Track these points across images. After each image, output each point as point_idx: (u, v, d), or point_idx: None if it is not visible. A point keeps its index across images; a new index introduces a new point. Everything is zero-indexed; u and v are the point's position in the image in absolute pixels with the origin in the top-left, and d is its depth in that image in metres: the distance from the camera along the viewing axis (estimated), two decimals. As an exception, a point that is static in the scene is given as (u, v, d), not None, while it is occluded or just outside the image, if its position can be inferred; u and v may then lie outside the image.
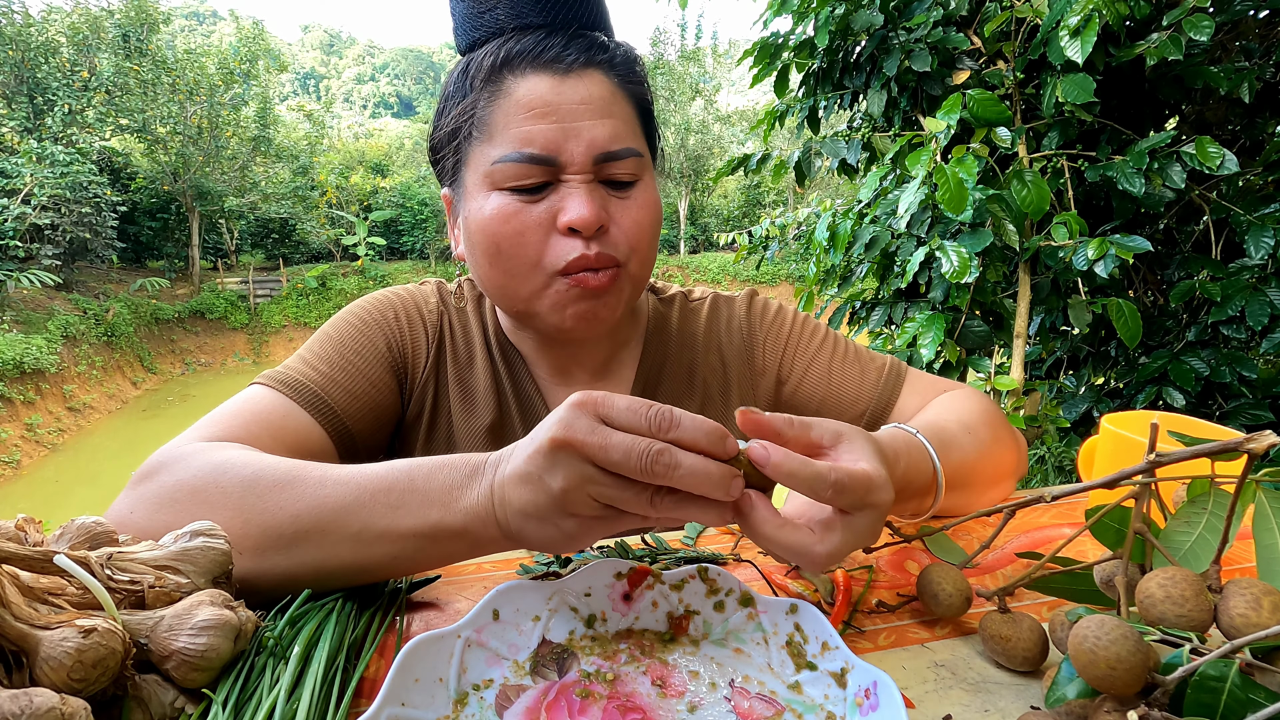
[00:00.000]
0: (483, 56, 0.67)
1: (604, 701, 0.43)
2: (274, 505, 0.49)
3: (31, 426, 11.19)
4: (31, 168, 13.09)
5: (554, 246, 0.66)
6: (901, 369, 0.82)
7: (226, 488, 0.50)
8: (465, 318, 0.81)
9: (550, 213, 0.65)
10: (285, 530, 0.49)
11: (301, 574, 0.49)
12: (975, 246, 1.77)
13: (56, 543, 0.46)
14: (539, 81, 0.64)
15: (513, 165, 0.64)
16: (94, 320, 14.02)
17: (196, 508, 0.50)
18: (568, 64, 0.65)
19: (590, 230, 0.64)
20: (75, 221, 13.90)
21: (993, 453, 0.68)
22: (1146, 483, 0.45)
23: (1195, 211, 2.04)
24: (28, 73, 15.02)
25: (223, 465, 0.52)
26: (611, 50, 0.69)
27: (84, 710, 0.33)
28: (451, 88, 0.70)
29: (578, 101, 0.64)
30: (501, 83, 0.65)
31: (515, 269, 0.67)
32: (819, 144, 2.35)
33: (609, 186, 0.67)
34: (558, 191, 0.65)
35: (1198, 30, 1.59)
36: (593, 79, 0.66)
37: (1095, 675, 0.35)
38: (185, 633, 0.39)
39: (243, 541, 0.49)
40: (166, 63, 17.12)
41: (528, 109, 0.64)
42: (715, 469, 0.40)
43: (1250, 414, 1.88)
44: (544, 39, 0.66)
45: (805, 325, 0.85)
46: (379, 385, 0.73)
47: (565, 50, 0.65)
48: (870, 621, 0.52)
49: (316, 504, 0.49)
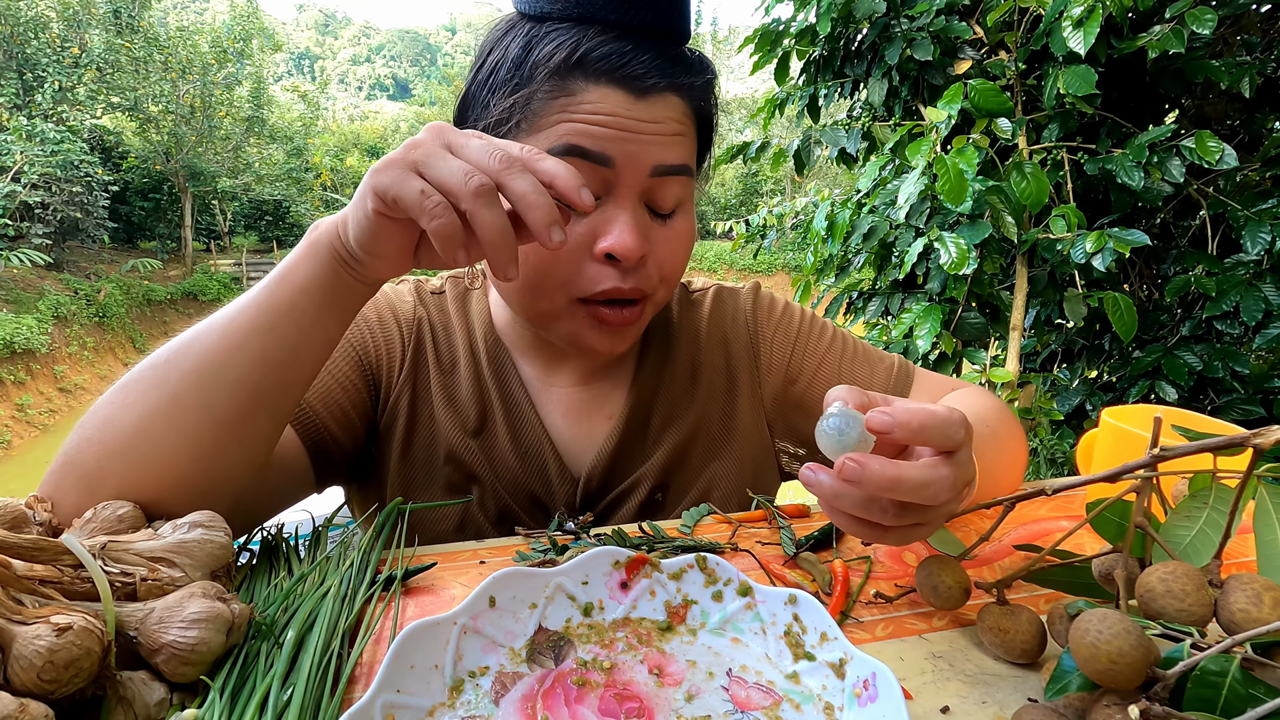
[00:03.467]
0: (553, 46, 0.59)
1: (601, 690, 0.43)
2: (179, 388, 0.50)
3: (22, 407, 11.12)
4: (21, 145, 12.92)
5: (587, 271, 0.62)
6: (910, 368, 0.82)
7: (130, 406, 0.51)
8: (447, 317, 0.78)
9: (590, 234, 0.61)
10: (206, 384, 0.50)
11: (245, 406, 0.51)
12: (973, 238, 1.77)
13: (82, 528, 0.45)
14: (612, 94, 0.59)
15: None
16: (85, 301, 13.90)
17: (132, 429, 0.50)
18: (648, 84, 0.59)
19: (632, 261, 0.61)
20: (66, 200, 13.75)
21: (1009, 450, 0.68)
22: (1148, 477, 0.44)
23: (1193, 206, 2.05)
24: (17, 48, 14.78)
25: (109, 404, 0.52)
26: (696, 73, 0.64)
27: (45, 717, 0.32)
28: (503, 66, 0.62)
29: (649, 120, 0.60)
30: (569, 83, 0.59)
31: (538, 286, 0.63)
32: (819, 132, 2.34)
33: (651, 212, 0.63)
34: (602, 209, 0.61)
35: (1200, 24, 1.59)
36: (669, 102, 0.61)
37: (1096, 669, 0.35)
38: (176, 626, 0.38)
39: (190, 426, 0.50)
40: (159, 40, 16.89)
41: (592, 114, 0.58)
42: (548, 197, 0.44)
43: (1242, 409, 1.89)
44: (629, 50, 0.59)
45: (814, 324, 0.83)
46: (347, 386, 0.70)
47: (649, 70, 0.59)
48: (868, 612, 0.52)
49: (203, 350, 0.51)
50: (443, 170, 0.44)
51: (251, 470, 0.55)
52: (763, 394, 0.82)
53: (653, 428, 0.78)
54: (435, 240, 0.44)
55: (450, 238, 0.44)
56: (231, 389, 0.51)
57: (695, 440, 0.78)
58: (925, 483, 0.42)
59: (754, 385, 0.81)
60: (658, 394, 0.78)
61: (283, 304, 0.51)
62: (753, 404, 0.81)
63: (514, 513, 0.74)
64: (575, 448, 0.76)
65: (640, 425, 0.77)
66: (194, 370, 0.50)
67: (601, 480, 0.75)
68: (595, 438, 0.76)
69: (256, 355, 0.51)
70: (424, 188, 0.44)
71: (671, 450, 0.77)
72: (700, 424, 0.79)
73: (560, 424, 0.76)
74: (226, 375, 0.50)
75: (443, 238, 0.44)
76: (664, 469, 0.77)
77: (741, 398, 0.81)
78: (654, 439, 0.77)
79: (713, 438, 0.79)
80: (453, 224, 0.44)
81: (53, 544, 0.39)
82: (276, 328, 0.51)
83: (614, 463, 0.76)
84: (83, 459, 0.50)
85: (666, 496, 0.77)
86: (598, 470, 0.75)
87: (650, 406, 0.78)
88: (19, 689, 0.33)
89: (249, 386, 0.51)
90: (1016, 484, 0.72)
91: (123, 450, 0.50)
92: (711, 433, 0.79)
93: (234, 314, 0.52)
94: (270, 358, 0.51)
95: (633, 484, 0.76)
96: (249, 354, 0.51)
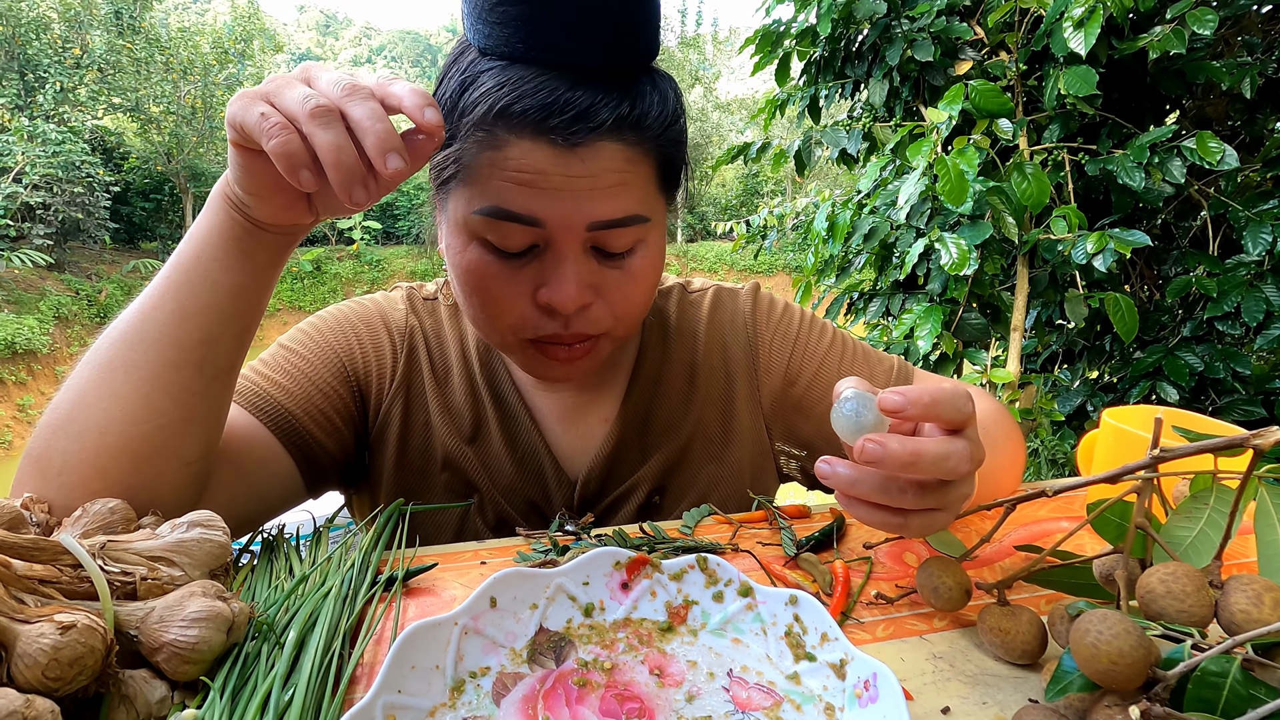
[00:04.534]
0: (479, 94, 0.55)
1: (601, 690, 0.43)
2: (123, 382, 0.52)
3: (23, 407, 11.12)
4: (23, 146, 12.92)
5: (529, 317, 0.60)
6: (909, 369, 0.81)
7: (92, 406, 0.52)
8: (440, 324, 0.77)
9: (532, 281, 0.59)
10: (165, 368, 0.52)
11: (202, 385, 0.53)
12: (974, 239, 1.77)
13: (74, 525, 0.45)
14: (536, 149, 0.54)
15: (493, 221, 0.56)
16: (87, 301, 13.90)
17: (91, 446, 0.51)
18: (575, 138, 0.54)
19: (569, 311, 0.59)
20: (67, 201, 13.75)
21: (1007, 451, 0.68)
22: (1149, 478, 0.44)
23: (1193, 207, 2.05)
24: (18, 49, 14.79)
25: (58, 392, 0.54)
26: (642, 109, 0.57)
27: (50, 713, 0.32)
28: (445, 105, 0.59)
29: (579, 175, 0.55)
30: (495, 135, 0.55)
31: (487, 321, 0.63)
32: (819, 133, 2.33)
33: (601, 255, 0.60)
34: (542, 259, 0.58)
35: (1201, 24, 1.59)
36: (605, 152, 0.55)
37: (1097, 670, 0.35)
38: (176, 625, 0.38)
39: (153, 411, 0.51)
40: (160, 41, 16.89)
41: (517, 170, 0.55)
42: (386, 124, 0.44)
43: (1243, 409, 1.89)
44: (560, 97, 0.53)
45: (814, 325, 0.83)
46: (328, 392, 0.69)
47: (579, 122, 0.53)
48: (869, 613, 0.52)
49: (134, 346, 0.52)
50: (287, 96, 0.45)
51: (197, 439, 0.55)
52: (761, 396, 0.81)
53: (649, 430, 0.77)
54: (275, 161, 0.45)
55: (287, 156, 0.44)
56: (155, 345, 0.52)
57: (693, 443, 0.78)
58: (944, 455, 0.43)
59: (752, 387, 0.80)
60: (654, 396, 0.78)
61: (190, 256, 0.53)
62: (751, 406, 0.80)
63: (512, 519, 0.74)
64: (571, 452, 0.76)
65: (637, 428, 0.77)
66: (121, 336, 0.53)
67: (598, 484, 0.75)
68: (591, 441, 0.76)
69: (173, 308, 0.53)
70: (265, 110, 0.45)
71: (668, 453, 0.77)
72: (698, 426, 0.78)
73: (556, 429, 0.76)
74: (148, 333, 0.52)
75: (280, 155, 0.44)
76: (661, 472, 0.76)
77: (740, 400, 0.80)
78: (651, 442, 0.77)
79: (710, 440, 0.79)
80: (289, 143, 0.44)
81: (52, 544, 0.39)
82: (188, 279, 0.53)
83: (610, 466, 0.75)
84: (33, 444, 0.52)
85: (664, 500, 0.77)
86: (594, 474, 0.75)
87: (647, 409, 0.77)
88: (23, 687, 0.33)
89: (171, 340, 0.52)
90: (1015, 486, 0.72)
91: (63, 423, 0.51)
92: (709, 435, 0.79)
93: (155, 280, 0.54)
94: (186, 309, 0.53)
95: (630, 487, 0.76)
96: (166, 310, 0.53)
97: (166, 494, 0.53)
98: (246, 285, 0.54)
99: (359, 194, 0.45)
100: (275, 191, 0.50)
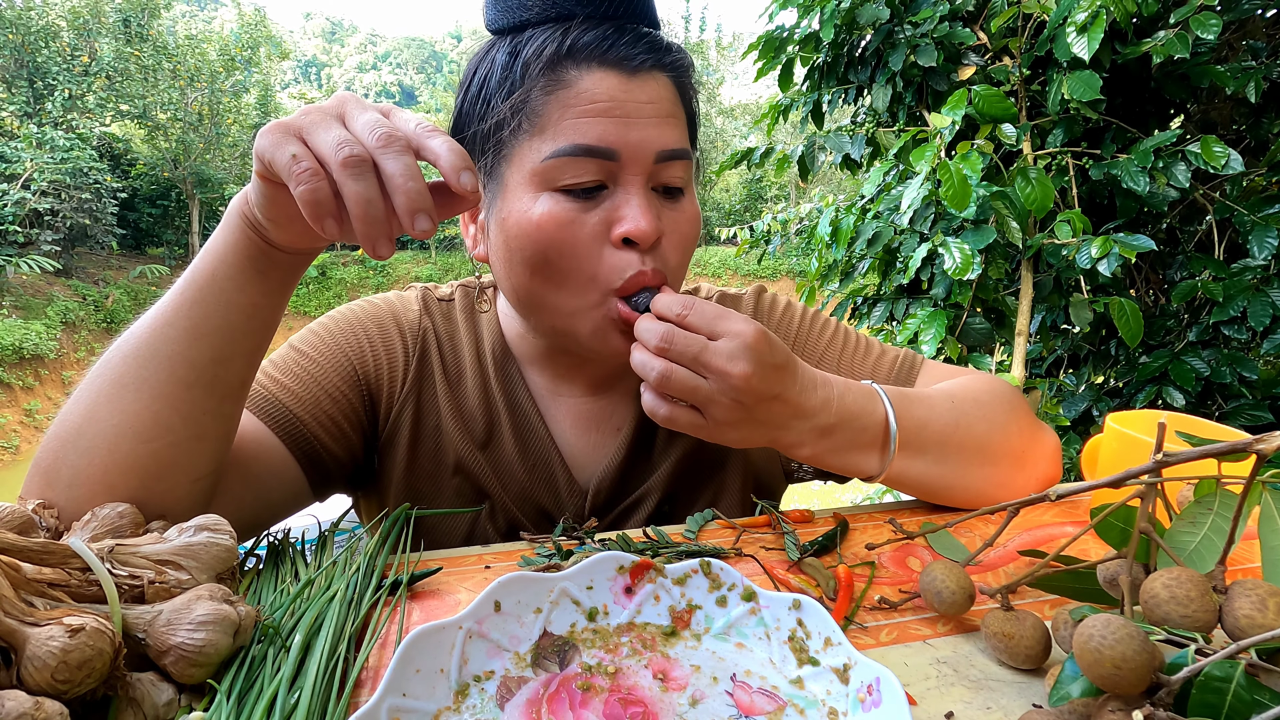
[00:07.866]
0: (540, 43, 0.61)
1: (605, 694, 0.43)
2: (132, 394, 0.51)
3: (30, 412, 11.18)
4: (31, 153, 13.03)
5: (608, 259, 0.61)
6: (916, 360, 0.81)
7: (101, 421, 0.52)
8: (454, 326, 0.77)
9: (605, 222, 0.61)
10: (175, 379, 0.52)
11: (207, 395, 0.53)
12: (978, 243, 1.76)
13: (83, 529, 0.46)
14: (605, 77, 0.60)
15: (569, 160, 0.59)
16: (93, 306, 13.98)
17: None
18: (636, 63, 0.61)
19: (649, 242, 0.61)
20: (75, 207, 13.84)
21: (978, 425, 0.66)
22: (1153, 482, 0.44)
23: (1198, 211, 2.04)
24: (28, 57, 14.92)
25: (67, 403, 0.54)
26: (675, 54, 0.65)
27: (59, 715, 0.32)
28: (493, 75, 0.63)
29: (645, 101, 0.61)
30: (562, 74, 0.60)
31: (565, 282, 0.62)
32: (823, 138, 2.34)
33: (661, 194, 0.64)
34: (613, 198, 0.61)
35: (1205, 29, 1.58)
36: (659, 81, 0.62)
37: (1100, 674, 0.35)
38: (184, 628, 0.39)
39: (156, 428, 0.51)
40: (167, 48, 17.02)
41: (591, 102, 0.59)
42: (419, 182, 0.44)
43: (1250, 414, 1.88)
44: (612, 34, 0.61)
45: (815, 320, 0.83)
46: (336, 397, 0.69)
47: (634, 49, 0.61)
48: (872, 618, 0.52)
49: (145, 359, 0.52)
50: (321, 137, 0.44)
51: (207, 456, 0.55)
52: None
53: (660, 439, 0.77)
54: (302, 207, 0.44)
55: (315, 204, 0.44)
56: (167, 363, 0.52)
57: (702, 450, 0.78)
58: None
59: None
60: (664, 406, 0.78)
61: (205, 274, 0.53)
62: None
63: (522, 525, 0.73)
64: (583, 460, 0.76)
65: (648, 437, 0.77)
66: (133, 351, 0.52)
67: (610, 493, 0.75)
68: (604, 450, 0.76)
69: (186, 327, 0.52)
70: (297, 152, 0.44)
71: (679, 461, 0.77)
72: None
73: (569, 436, 0.76)
74: (160, 350, 0.52)
75: (307, 204, 0.44)
76: (672, 480, 0.76)
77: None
78: (661, 450, 0.77)
79: (719, 446, 0.79)
80: (317, 191, 0.43)
81: (60, 547, 0.40)
82: (202, 298, 0.53)
83: (622, 475, 0.75)
84: (42, 455, 0.52)
85: (674, 508, 0.77)
86: (606, 483, 0.75)
87: None
88: (33, 689, 0.33)
89: (183, 359, 0.52)
90: (1016, 473, 0.70)
91: (73, 437, 0.51)
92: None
93: (168, 294, 0.54)
94: (199, 328, 0.52)
95: (641, 496, 0.76)
96: (179, 327, 0.52)
97: (174, 507, 0.53)
98: (260, 304, 0.54)
99: (384, 248, 0.45)
100: (295, 219, 0.50)
